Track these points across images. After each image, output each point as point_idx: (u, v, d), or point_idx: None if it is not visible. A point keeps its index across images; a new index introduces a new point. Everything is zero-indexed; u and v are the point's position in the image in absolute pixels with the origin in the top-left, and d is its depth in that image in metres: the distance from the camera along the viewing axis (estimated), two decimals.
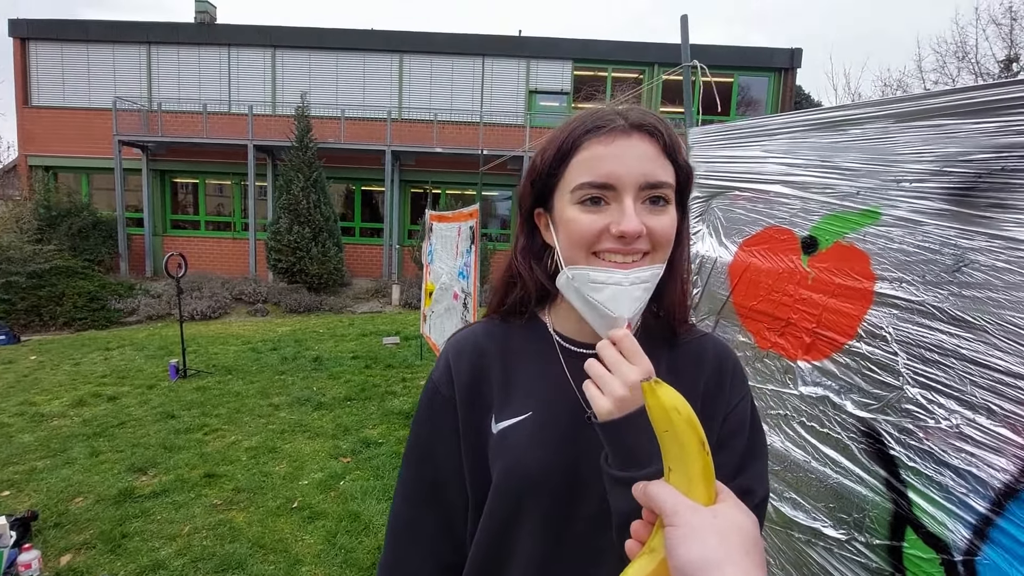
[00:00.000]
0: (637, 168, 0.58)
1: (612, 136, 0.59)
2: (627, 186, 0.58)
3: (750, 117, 1.14)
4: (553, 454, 0.65)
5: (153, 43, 12.96)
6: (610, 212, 0.59)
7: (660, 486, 0.47)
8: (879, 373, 0.78)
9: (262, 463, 3.61)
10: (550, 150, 0.63)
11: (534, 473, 0.64)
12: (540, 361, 0.69)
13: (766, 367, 1.02)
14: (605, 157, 0.59)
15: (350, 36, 13.05)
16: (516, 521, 0.66)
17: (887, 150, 0.79)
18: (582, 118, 0.62)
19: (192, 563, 2.55)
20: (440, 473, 0.70)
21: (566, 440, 0.65)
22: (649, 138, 0.60)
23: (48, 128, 12.88)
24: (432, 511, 0.71)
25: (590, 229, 0.59)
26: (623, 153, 0.59)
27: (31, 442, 3.95)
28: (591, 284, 0.59)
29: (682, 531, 0.42)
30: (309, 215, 10.44)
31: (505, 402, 0.68)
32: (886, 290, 0.77)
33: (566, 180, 0.61)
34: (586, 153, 0.60)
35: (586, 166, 0.59)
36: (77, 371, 5.93)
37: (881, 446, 0.78)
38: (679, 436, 0.47)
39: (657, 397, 0.48)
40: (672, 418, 0.47)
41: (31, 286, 9.02)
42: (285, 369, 5.93)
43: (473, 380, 0.69)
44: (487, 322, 0.75)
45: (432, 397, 0.71)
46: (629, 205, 0.58)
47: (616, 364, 0.55)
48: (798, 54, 12.92)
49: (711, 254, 1.19)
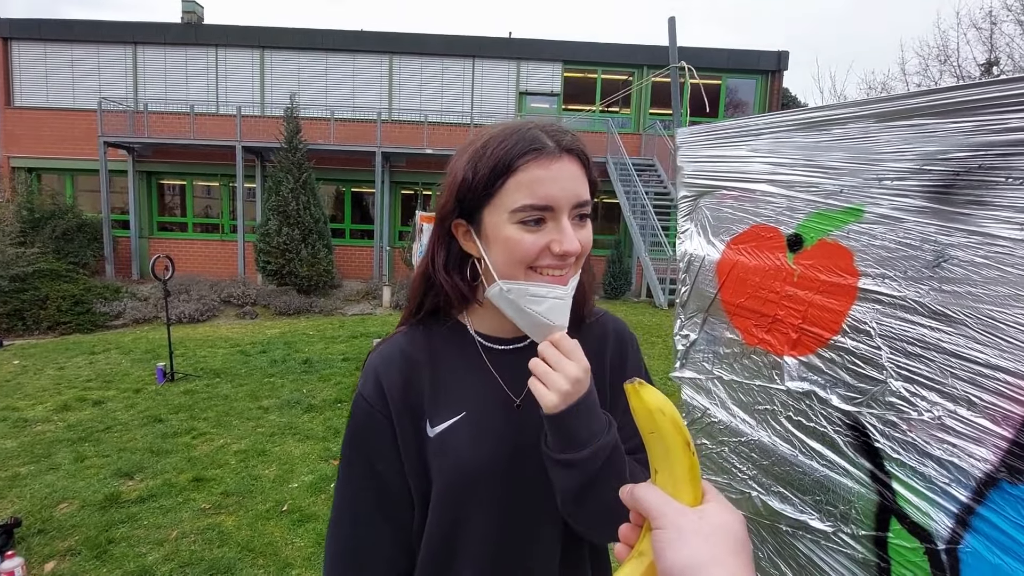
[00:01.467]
0: (571, 190, 0.63)
1: (549, 159, 0.62)
2: (563, 207, 0.63)
3: (738, 118, 1.15)
4: (491, 450, 0.69)
5: (139, 43, 12.83)
6: (548, 231, 0.63)
7: (647, 489, 0.47)
8: (863, 367, 0.80)
9: (251, 466, 3.58)
10: (484, 167, 0.63)
11: (474, 470, 0.68)
12: (465, 362, 0.73)
13: (753, 363, 1.03)
14: (544, 180, 0.62)
15: (340, 37, 13.00)
16: (462, 518, 0.69)
17: (869, 149, 0.80)
18: (514, 137, 0.63)
19: (180, 568, 2.52)
20: (385, 486, 0.72)
21: (501, 434, 0.70)
22: (577, 161, 0.65)
23: (31, 129, 12.68)
24: (384, 524, 0.72)
25: (532, 248, 0.62)
26: (559, 176, 0.62)
27: (14, 448, 3.89)
28: (530, 297, 0.63)
29: (669, 534, 0.42)
30: (299, 217, 10.37)
31: (437, 406, 0.70)
32: (869, 286, 0.79)
33: (502, 199, 0.63)
34: (524, 175, 0.62)
35: (526, 188, 0.62)
36: (61, 375, 5.84)
37: (866, 439, 0.79)
38: (664, 438, 0.48)
39: (642, 399, 0.49)
40: (657, 419, 0.48)
41: (14, 290, 8.86)
42: (275, 372, 5.89)
43: (404, 389, 0.71)
44: (408, 330, 0.77)
45: (367, 412, 0.71)
46: (567, 226, 0.63)
47: (558, 362, 0.60)
48: (785, 57, 13.08)
49: (699, 252, 1.21)
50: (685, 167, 1.24)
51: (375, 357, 0.75)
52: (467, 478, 0.68)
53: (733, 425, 1.10)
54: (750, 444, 1.05)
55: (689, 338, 1.26)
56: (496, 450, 0.69)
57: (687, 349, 1.27)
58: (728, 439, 1.12)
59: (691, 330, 1.26)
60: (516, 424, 0.71)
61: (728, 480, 1.13)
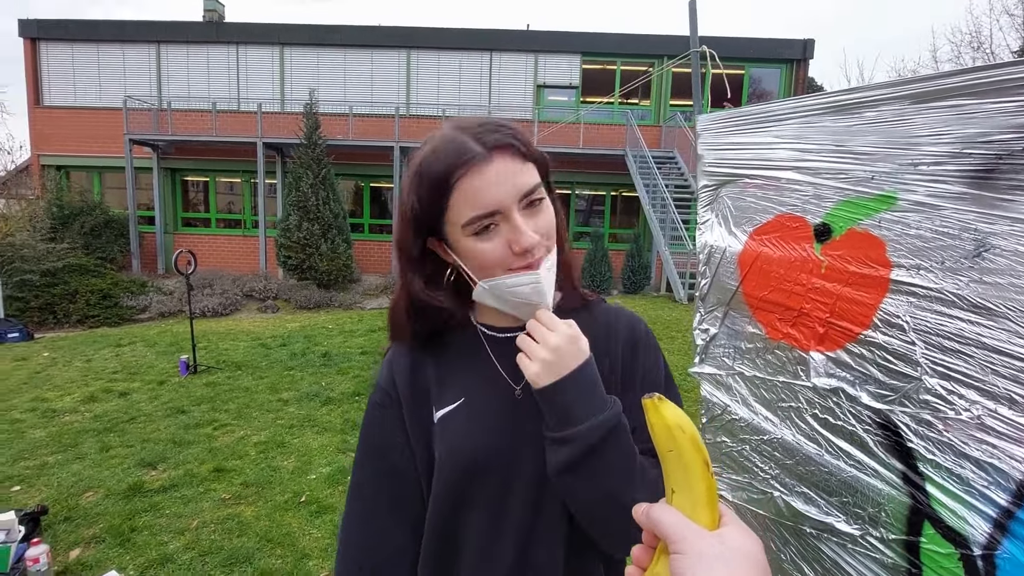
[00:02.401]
0: (510, 187, 0.63)
1: (480, 167, 0.62)
2: (509, 205, 0.63)
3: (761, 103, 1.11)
4: (488, 434, 0.70)
5: (162, 42, 13.05)
6: (503, 232, 0.64)
7: (664, 510, 0.45)
8: (896, 363, 0.75)
9: (271, 458, 3.63)
10: (425, 192, 0.65)
11: (471, 453, 0.69)
12: (469, 351, 0.75)
13: (777, 358, 0.99)
14: (481, 188, 0.62)
15: (358, 32, 13.05)
16: (460, 502, 0.70)
17: (903, 133, 0.76)
18: (442, 153, 0.64)
19: (200, 557, 2.56)
20: (397, 474, 0.74)
21: (499, 419, 0.70)
22: (508, 153, 0.63)
23: (60, 128, 13.02)
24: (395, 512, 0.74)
25: (496, 256, 0.64)
26: (494, 179, 0.62)
27: (42, 437, 4.00)
28: (508, 289, 0.65)
29: (690, 559, 0.40)
30: (318, 212, 10.48)
31: (441, 392, 0.73)
32: (903, 277, 0.75)
33: (451, 216, 0.65)
34: (461, 191, 0.63)
35: (468, 201, 0.63)
36: (89, 367, 5.99)
37: (898, 439, 0.75)
38: (683, 456, 0.45)
39: (661, 415, 0.47)
40: (676, 436, 0.46)
41: (45, 284, 9.13)
42: (294, 365, 5.96)
43: (413, 377, 0.75)
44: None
45: (381, 400, 0.76)
46: (519, 221, 0.63)
47: (538, 332, 0.63)
48: (810, 45, 12.74)
49: (720, 244, 1.16)
50: (706, 155, 1.20)
51: (390, 353, 0.79)
52: (463, 462, 0.69)
53: (755, 423, 1.06)
54: (773, 442, 1.01)
55: (709, 332, 1.22)
56: (490, 437, 0.70)
57: (707, 344, 1.23)
58: (749, 437, 1.08)
59: (711, 324, 1.22)
60: (515, 411, 0.71)
61: (749, 479, 1.09)
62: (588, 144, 12.45)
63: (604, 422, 0.61)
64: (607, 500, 0.61)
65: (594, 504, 0.63)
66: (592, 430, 0.61)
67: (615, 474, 0.61)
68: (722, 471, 1.20)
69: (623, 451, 0.62)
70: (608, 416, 0.62)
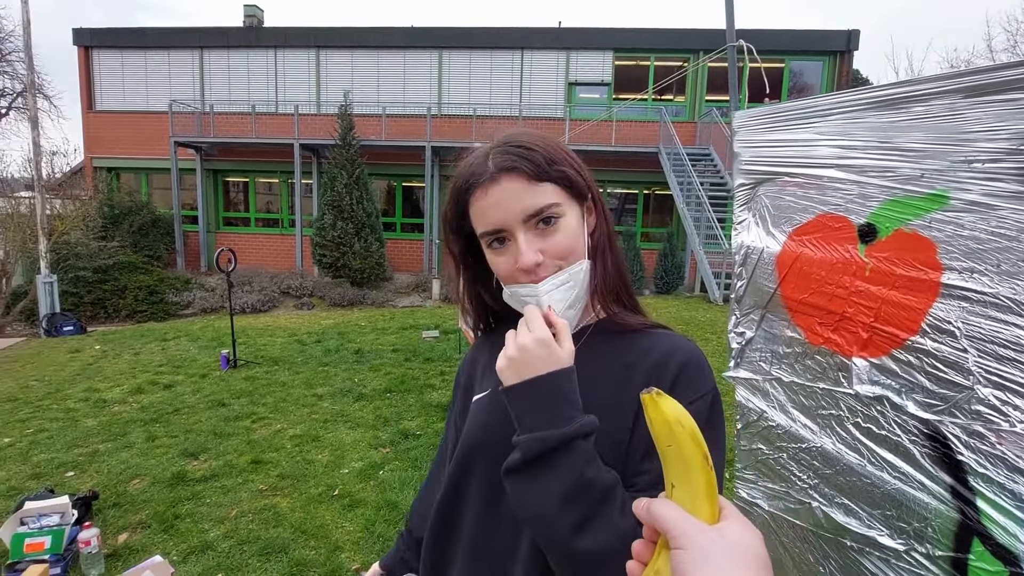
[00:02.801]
0: (515, 207, 0.65)
1: (485, 188, 0.66)
2: (514, 225, 0.66)
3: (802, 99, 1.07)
4: (495, 424, 0.71)
5: (205, 47, 13.54)
6: (512, 249, 0.67)
7: (664, 504, 0.45)
8: (946, 372, 0.72)
9: (305, 451, 3.72)
10: (451, 205, 0.72)
11: (476, 439, 0.72)
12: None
13: (817, 364, 0.96)
14: (486, 208, 0.66)
15: (391, 34, 13.24)
16: (465, 484, 0.73)
17: (956, 128, 0.72)
18: (462, 173, 0.70)
19: (239, 545, 2.65)
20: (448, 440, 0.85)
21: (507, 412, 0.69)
22: (515, 176, 0.66)
23: (110, 131, 13.67)
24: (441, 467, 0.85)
25: (504, 270, 0.69)
26: (497, 200, 0.65)
27: (94, 426, 4.21)
28: (522, 298, 0.68)
29: (692, 554, 0.40)
30: (352, 211, 10.69)
31: (482, 380, 0.78)
32: (955, 281, 0.71)
33: (473, 227, 0.71)
34: (473, 208, 0.68)
35: (479, 219, 0.68)
36: (137, 360, 6.28)
37: (947, 450, 0.71)
38: (683, 450, 0.45)
39: (659, 409, 0.46)
40: (675, 432, 0.45)
41: (96, 280, 9.62)
42: (328, 361, 6.10)
43: (470, 366, 0.84)
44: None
45: (456, 380, 0.87)
46: (522, 241, 0.66)
47: (518, 331, 0.63)
48: (855, 36, 12.24)
49: (757, 244, 1.13)
50: (743, 153, 1.17)
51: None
52: (469, 444, 0.73)
53: (793, 430, 1.03)
54: (812, 451, 0.98)
55: (745, 336, 1.19)
56: (496, 425, 0.70)
57: (742, 347, 1.20)
58: (787, 445, 1.05)
59: (747, 327, 1.19)
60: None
61: (786, 488, 1.06)
62: (620, 142, 12.29)
63: (547, 438, 0.56)
64: (541, 522, 0.57)
65: (524, 516, 0.60)
66: (533, 442, 0.57)
67: (548, 495, 0.56)
68: (758, 479, 1.17)
69: (566, 475, 0.56)
70: (552, 434, 0.56)
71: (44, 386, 5.36)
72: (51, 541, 2.46)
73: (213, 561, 2.54)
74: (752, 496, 1.19)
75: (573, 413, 0.58)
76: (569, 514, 0.55)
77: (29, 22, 8.50)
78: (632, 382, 0.66)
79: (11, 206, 9.78)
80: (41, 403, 4.81)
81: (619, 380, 0.67)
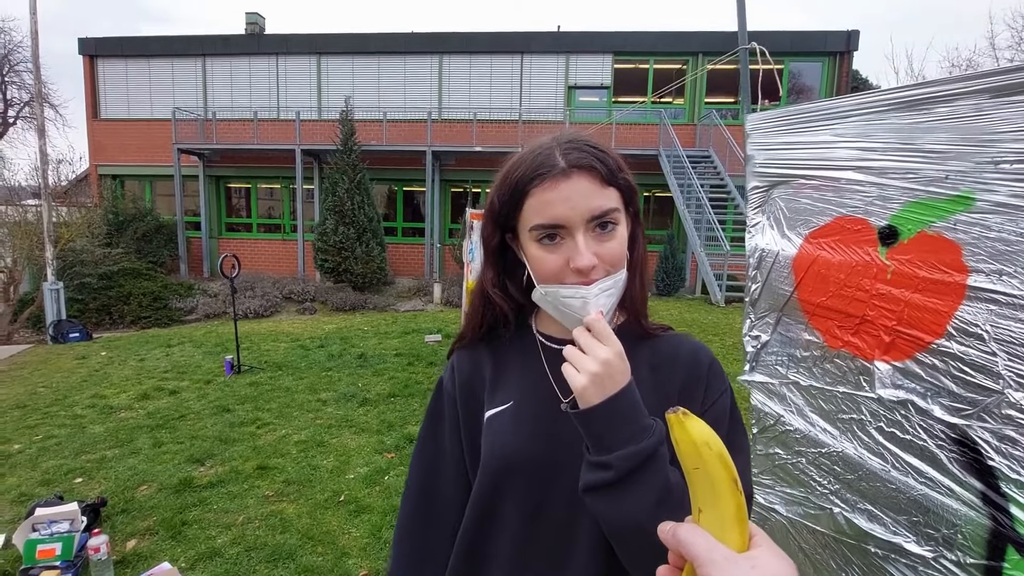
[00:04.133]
0: (582, 205, 0.64)
1: (555, 181, 0.65)
2: (576, 224, 0.65)
3: (818, 100, 1.07)
4: (529, 438, 0.71)
5: (207, 55, 13.60)
6: (566, 246, 0.66)
7: (692, 531, 0.43)
8: (973, 375, 0.71)
9: (311, 457, 3.71)
10: (505, 194, 0.69)
11: (510, 455, 0.70)
12: (525, 357, 0.77)
13: (837, 368, 0.95)
14: (552, 202, 0.65)
15: (391, 40, 13.29)
16: (498, 501, 0.71)
17: (982, 129, 0.71)
18: (526, 163, 0.68)
19: (246, 552, 2.64)
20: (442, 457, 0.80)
21: (542, 426, 0.71)
22: (587, 174, 0.65)
23: (115, 139, 13.74)
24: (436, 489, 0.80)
25: (553, 267, 0.66)
26: (567, 195, 0.64)
27: (101, 433, 4.21)
28: (563, 298, 0.66)
29: None
30: (353, 216, 10.71)
31: (494, 394, 0.76)
32: (982, 283, 0.70)
33: (524, 220, 0.68)
34: (534, 199, 0.66)
35: (537, 210, 0.66)
36: (142, 366, 6.28)
37: (976, 455, 0.70)
38: (711, 474, 0.44)
39: (686, 431, 0.45)
40: (703, 454, 0.44)
41: (101, 287, 9.64)
42: (332, 366, 6.09)
43: (470, 376, 0.79)
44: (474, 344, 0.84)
45: (439, 392, 0.82)
46: (581, 241, 0.64)
47: (589, 345, 0.61)
48: (855, 36, 12.25)
49: (772, 247, 1.12)
50: (756, 156, 1.16)
51: (454, 354, 0.84)
52: (501, 463, 0.71)
53: (812, 435, 1.02)
54: (832, 456, 0.97)
55: (760, 339, 1.18)
56: (530, 442, 0.70)
57: (758, 351, 1.19)
58: (806, 449, 1.04)
59: (762, 331, 1.18)
60: (559, 421, 0.70)
61: (806, 494, 1.04)
62: (620, 144, 12.29)
63: (640, 451, 0.59)
64: (635, 528, 0.59)
65: (619, 528, 0.62)
66: (626, 459, 0.59)
67: (644, 503, 0.59)
68: (775, 484, 1.15)
69: (657, 481, 0.59)
70: (645, 445, 0.59)
71: (52, 393, 5.36)
72: (62, 548, 2.45)
73: (221, 568, 2.53)
74: (769, 501, 1.18)
75: (649, 422, 0.61)
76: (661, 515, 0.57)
77: (37, 33, 8.55)
78: (671, 381, 0.70)
79: (19, 214, 9.81)
80: (49, 410, 4.81)
81: (652, 382, 0.68)
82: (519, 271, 0.76)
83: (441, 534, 0.78)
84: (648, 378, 0.70)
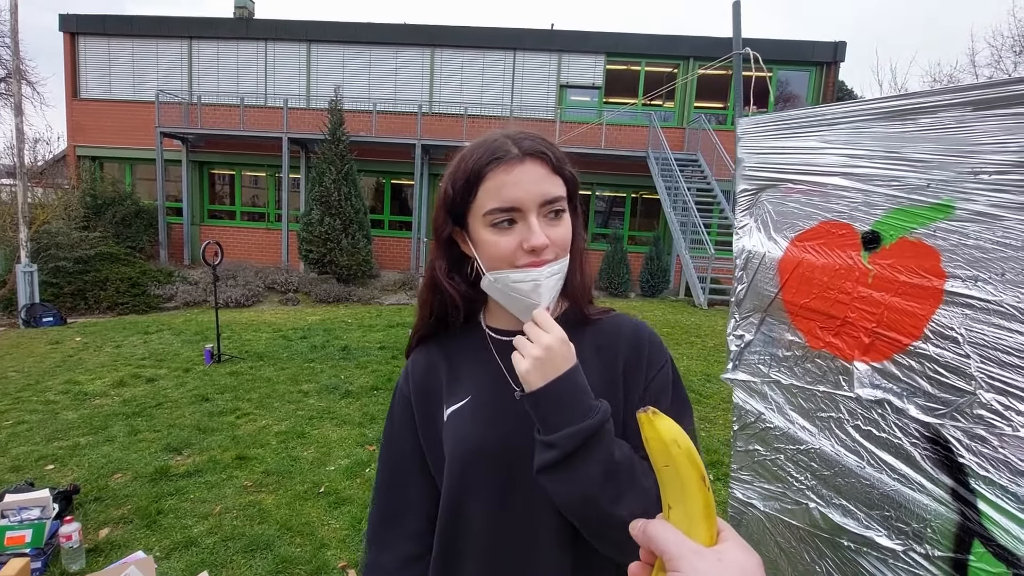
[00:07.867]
0: (535, 190, 0.68)
1: (510, 165, 0.68)
2: (530, 207, 0.68)
3: (807, 107, 1.08)
4: (489, 428, 0.73)
5: (194, 37, 13.32)
6: (519, 230, 0.68)
7: (661, 527, 0.45)
8: (948, 376, 0.73)
9: (291, 448, 3.68)
10: (459, 180, 0.71)
11: (473, 446, 0.73)
12: (477, 354, 0.80)
13: (817, 367, 0.97)
14: (508, 184, 0.68)
15: (383, 30, 13.16)
16: (466, 493, 0.74)
17: (963, 140, 0.74)
18: (480, 149, 0.71)
19: (223, 542, 2.61)
20: (403, 460, 0.83)
21: (500, 415, 0.74)
22: (540, 161, 0.69)
23: (95, 120, 13.38)
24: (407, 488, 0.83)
25: (506, 249, 0.69)
26: (521, 179, 0.68)
27: (75, 419, 4.12)
28: (513, 283, 0.69)
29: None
30: (340, 207, 10.60)
31: (451, 392, 0.78)
32: (958, 288, 0.73)
33: (477, 206, 0.70)
34: (491, 182, 0.68)
35: (493, 193, 0.68)
36: (118, 353, 6.15)
37: (948, 453, 0.73)
38: (680, 472, 0.45)
39: (656, 429, 0.46)
40: (672, 452, 0.45)
41: (77, 271, 9.41)
42: (314, 357, 6.04)
43: (425, 378, 0.81)
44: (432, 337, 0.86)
45: (397, 397, 0.85)
46: (534, 223, 0.68)
47: (533, 332, 0.65)
48: (842, 47, 12.48)
49: (759, 249, 1.15)
50: (746, 159, 1.19)
51: (411, 356, 0.86)
52: (466, 456, 0.73)
53: (791, 432, 1.05)
54: (810, 452, 1.00)
55: (744, 339, 1.21)
56: (491, 430, 0.73)
57: (741, 350, 1.22)
58: (784, 446, 1.07)
59: (746, 330, 1.20)
60: (517, 410, 0.73)
61: (783, 489, 1.07)
62: (610, 145, 12.37)
63: (582, 430, 0.62)
64: (585, 503, 0.63)
65: (572, 504, 0.65)
66: (570, 437, 0.62)
67: (591, 478, 0.62)
68: (753, 480, 1.18)
69: (601, 456, 0.62)
70: (587, 424, 0.62)
71: (23, 377, 5.23)
72: (32, 535, 2.40)
73: (197, 557, 2.50)
74: (747, 496, 1.21)
75: (593, 403, 0.64)
76: (609, 489, 0.62)
77: (16, 6, 8.30)
78: (615, 359, 0.75)
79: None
80: (20, 395, 4.69)
81: (597, 363, 0.73)
82: (464, 266, 0.78)
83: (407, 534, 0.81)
84: (593, 359, 0.74)
